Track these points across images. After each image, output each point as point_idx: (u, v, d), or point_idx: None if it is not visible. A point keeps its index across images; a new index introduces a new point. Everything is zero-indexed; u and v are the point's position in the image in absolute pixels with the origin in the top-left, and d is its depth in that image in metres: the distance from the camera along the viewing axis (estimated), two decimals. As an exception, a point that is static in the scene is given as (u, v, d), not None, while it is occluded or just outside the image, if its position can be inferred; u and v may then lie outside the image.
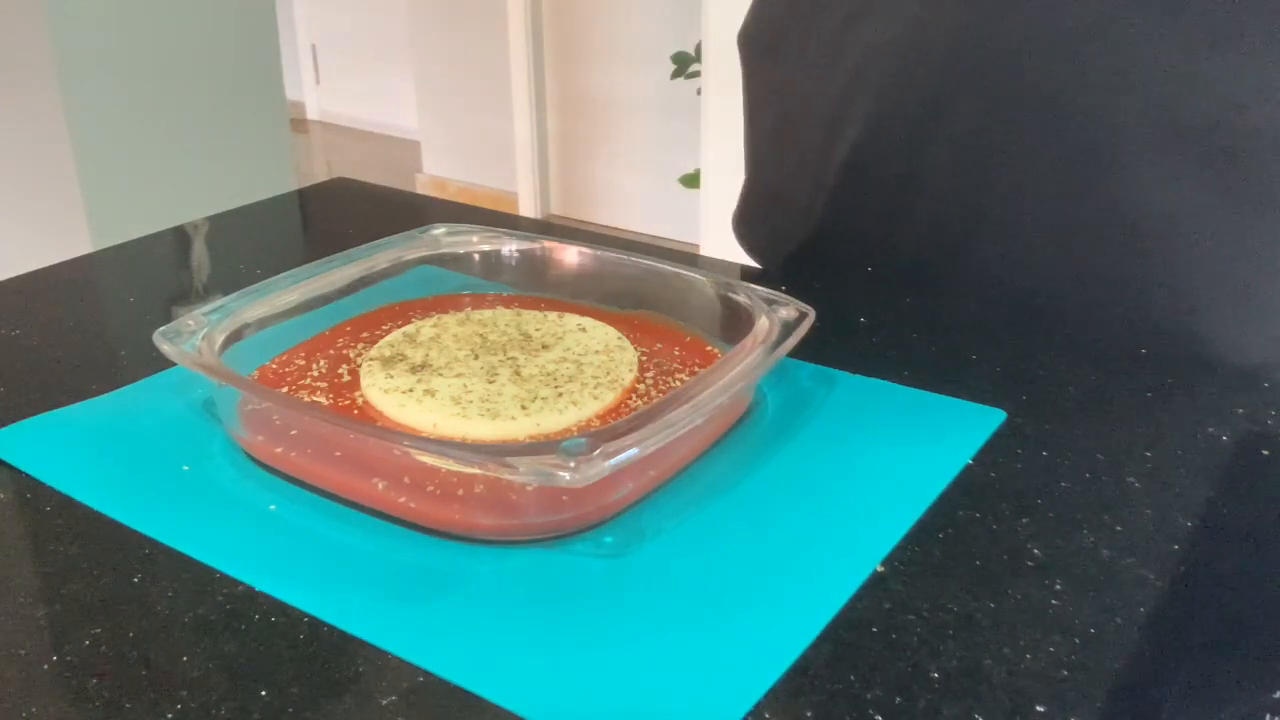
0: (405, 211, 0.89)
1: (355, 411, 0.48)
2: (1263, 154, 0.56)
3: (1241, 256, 0.58)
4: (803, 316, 0.49)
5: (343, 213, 0.85)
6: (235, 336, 0.49)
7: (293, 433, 0.45)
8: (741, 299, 0.52)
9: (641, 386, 0.49)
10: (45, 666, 0.35)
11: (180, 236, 0.77)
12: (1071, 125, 0.58)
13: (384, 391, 0.47)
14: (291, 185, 2.04)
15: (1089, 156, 0.58)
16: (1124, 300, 0.60)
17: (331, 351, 0.53)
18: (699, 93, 2.48)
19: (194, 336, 0.47)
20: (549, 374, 0.49)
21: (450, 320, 0.55)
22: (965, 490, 0.44)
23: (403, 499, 0.41)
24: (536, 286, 0.60)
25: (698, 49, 2.69)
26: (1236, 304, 0.58)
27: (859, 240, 0.68)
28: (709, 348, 0.54)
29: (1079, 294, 0.61)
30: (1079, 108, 0.57)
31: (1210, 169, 0.56)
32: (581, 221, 3.44)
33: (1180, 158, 0.56)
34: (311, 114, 4.63)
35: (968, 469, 0.46)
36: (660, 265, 0.57)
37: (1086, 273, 0.60)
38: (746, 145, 0.77)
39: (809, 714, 0.33)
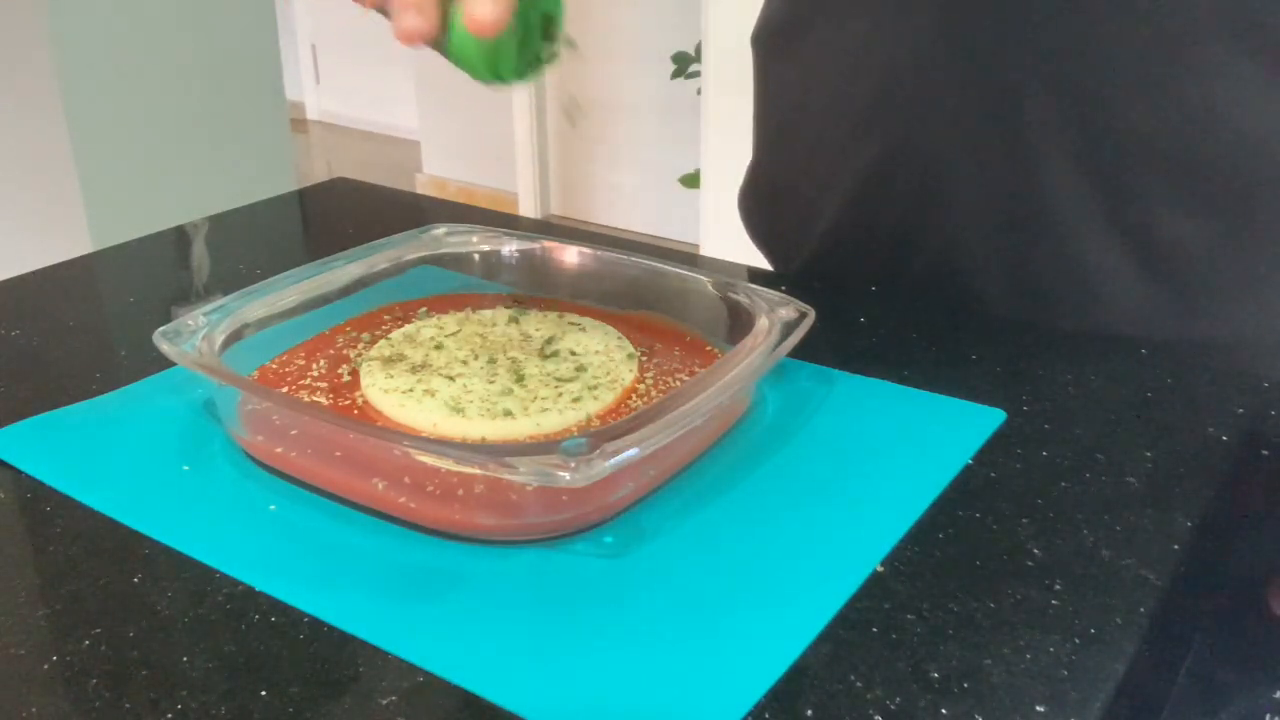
0: (405, 211, 0.89)
1: (355, 411, 0.48)
2: (1273, 186, 0.56)
3: (1251, 283, 0.58)
4: (803, 316, 0.49)
5: (343, 213, 0.85)
6: (235, 336, 0.49)
7: (293, 433, 0.45)
8: (741, 299, 0.52)
9: (641, 386, 0.49)
10: (45, 666, 0.35)
11: (180, 236, 0.77)
12: (1091, 156, 0.58)
13: (384, 391, 0.47)
14: (291, 185, 2.04)
15: (1107, 185, 0.58)
16: (1134, 325, 0.60)
17: (331, 351, 0.53)
18: (699, 93, 2.48)
19: (194, 336, 0.47)
20: (549, 374, 0.49)
21: (450, 320, 0.55)
22: (965, 490, 0.44)
23: (403, 499, 0.41)
24: (536, 286, 0.60)
25: (698, 49, 2.69)
26: (1244, 325, 0.59)
27: (869, 256, 0.68)
28: (709, 348, 0.54)
29: (1087, 323, 0.61)
30: (1099, 139, 0.57)
31: (1225, 204, 0.57)
32: (581, 221, 3.44)
33: (1197, 191, 0.57)
34: (311, 114, 4.63)
35: (968, 469, 0.46)
36: (660, 265, 0.57)
37: (1095, 292, 0.60)
38: (755, 131, 0.77)
39: (809, 714, 0.33)
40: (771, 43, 0.73)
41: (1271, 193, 0.57)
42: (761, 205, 0.77)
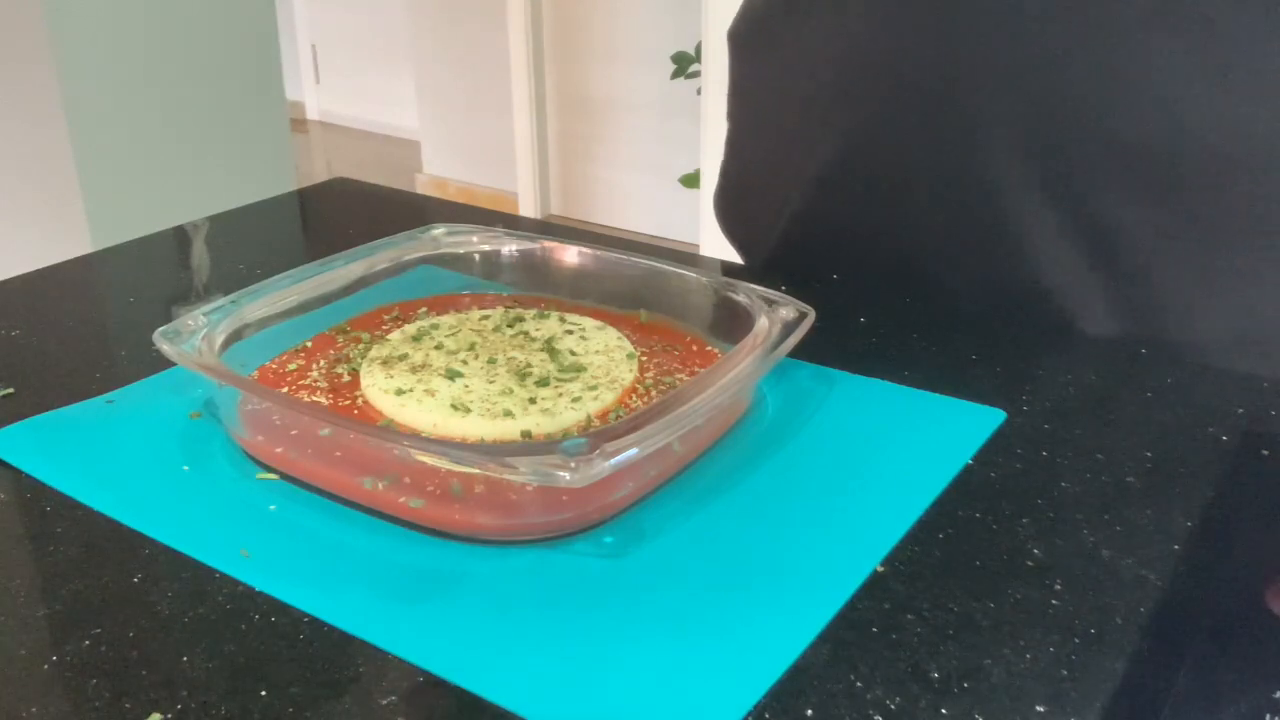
0: (405, 211, 0.89)
1: (355, 411, 0.48)
2: (1216, 177, 0.56)
3: (1203, 280, 0.58)
4: (803, 316, 0.49)
5: (343, 213, 0.85)
6: (235, 336, 0.49)
7: (293, 433, 0.45)
8: (741, 299, 0.52)
9: (641, 387, 0.49)
10: (45, 666, 0.35)
11: (180, 236, 0.77)
12: (1041, 147, 0.58)
13: (384, 391, 0.47)
14: (291, 185, 2.05)
15: (1056, 176, 0.59)
16: (1083, 310, 0.60)
17: (331, 351, 0.53)
18: (699, 93, 2.48)
19: (194, 336, 0.47)
20: (548, 374, 0.49)
21: (450, 320, 0.55)
22: (965, 490, 0.44)
23: (403, 499, 0.41)
24: (536, 286, 0.60)
25: (698, 49, 2.69)
26: (1188, 311, 0.59)
27: (835, 243, 0.69)
28: (709, 348, 0.54)
29: (1042, 303, 0.61)
30: (1049, 130, 0.58)
31: (1164, 190, 0.57)
32: (581, 221, 3.44)
33: (1138, 179, 0.57)
34: (311, 114, 4.63)
35: (968, 469, 0.46)
36: (660, 265, 0.57)
37: (1047, 283, 0.61)
38: (728, 130, 0.78)
39: (809, 714, 0.33)
40: (742, 40, 0.74)
41: (1217, 184, 0.57)
42: (732, 201, 0.78)
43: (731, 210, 0.78)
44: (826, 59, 0.66)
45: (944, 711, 0.33)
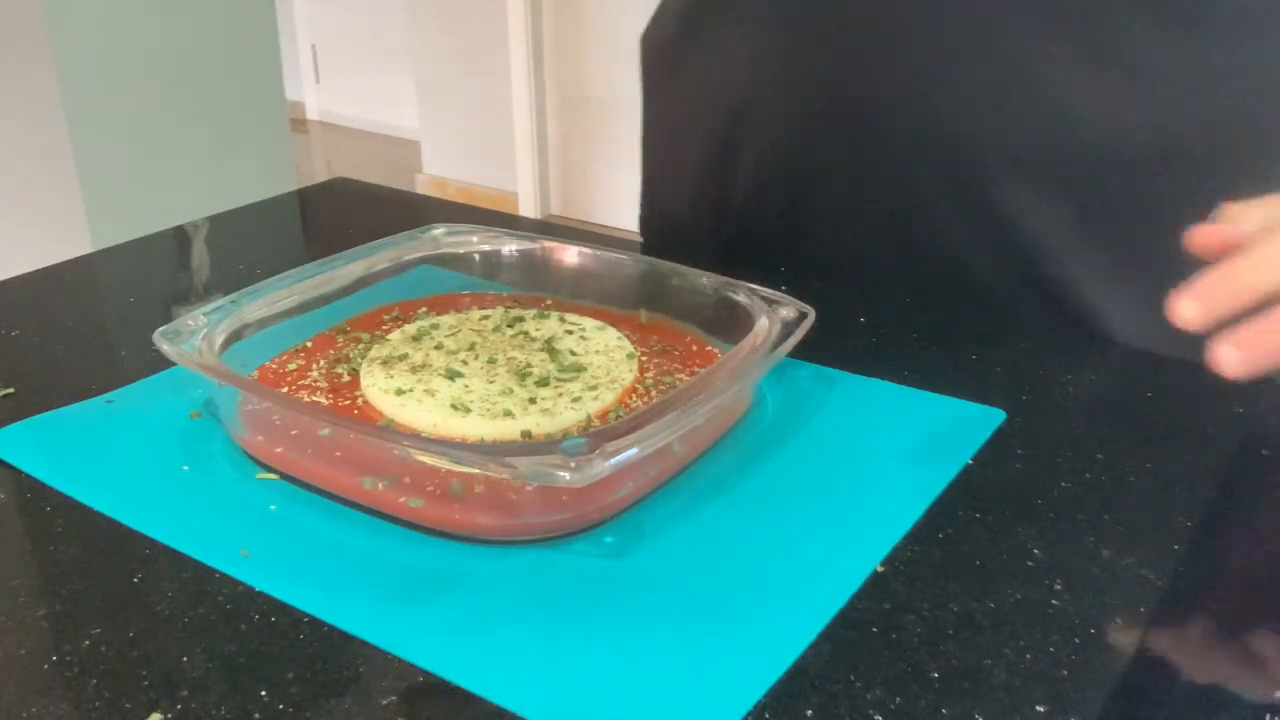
0: (405, 211, 0.89)
1: (355, 411, 0.48)
2: (1121, 175, 0.57)
3: (1106, 262, 0.59)
4: (803, 316, 0.49)
5: (343, 213, 0.85)
6: (235, 336, 0.49)
7: (293, 433, 0.45)
8: (741, 299, 0.52)
9: (641, 387, 0.49)
10: (45, 666, 0.35)
11: (180, 236, 0.77)
12: (947, 154, 0.59)
13: (384, 391, 0.47)
14: (291, 185, 2.04)
15: (967, 181, 0.60)
16: (1010, 307, 0.61)
17: (331, 351, 0.53)
18: (699, 93, 2.48)
19: (194, 336, 0.47)
20: (549, 374, 0.49)
21: (450, 320, 0.55)
22: (965, 490, 0.44)
23: (403, 499, 0.41)
24: (536, 286, 0.60)
25: (698, 49, 2.69)
26: (1107, 303, 0.60)
27: (767, 256, 0.70)
28: (709, 348, 0.54)
29: (978, 303, 0.62)
30: (953, 137, 0.59)
31: (1071, 190, 0.58)
32: (581, 221, 3.43)
33: (1048, 179, 0.58)
34: (311, 114, 4.63)
35: (968, 469, 0.46)
36: (660, 265, 0.57)
37: (975, 284, 0.62)
38: (641, 156, 0.78)
39: (809, 714, 0.33)
40: (656, 58, 0.75)
41: (1123, 182, 0.57)
42: (658, 228, 0.78)
43: (657, 236, 0.79)
44: (725, 84, 0.67)
45: (944, 711, 0.33)
